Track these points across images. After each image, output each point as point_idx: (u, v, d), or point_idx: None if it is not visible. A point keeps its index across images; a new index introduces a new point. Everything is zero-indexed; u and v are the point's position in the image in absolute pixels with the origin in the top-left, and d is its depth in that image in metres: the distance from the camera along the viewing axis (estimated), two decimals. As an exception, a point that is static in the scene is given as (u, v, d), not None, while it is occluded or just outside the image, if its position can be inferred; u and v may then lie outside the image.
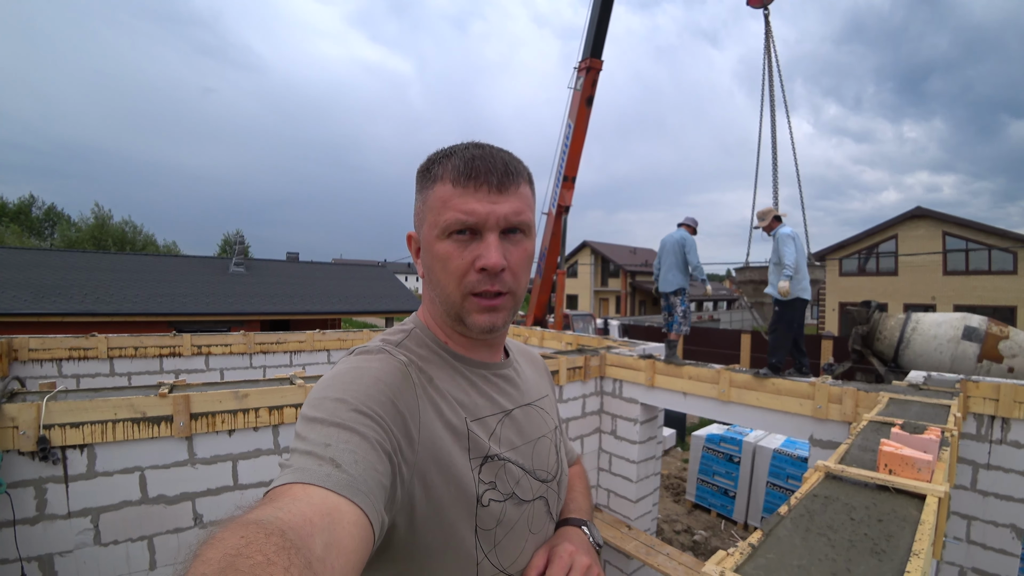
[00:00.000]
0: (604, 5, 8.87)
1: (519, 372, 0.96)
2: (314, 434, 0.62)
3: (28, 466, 2.01)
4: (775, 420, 3.12)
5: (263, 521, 0.45)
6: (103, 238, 30.09)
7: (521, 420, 0.89)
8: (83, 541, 2.09)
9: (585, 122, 9.29)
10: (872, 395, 2.60)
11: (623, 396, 4.11)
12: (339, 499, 0.53)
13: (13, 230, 29.10)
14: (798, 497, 1.12)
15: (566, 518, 0.95)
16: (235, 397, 2.37)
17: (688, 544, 5.55)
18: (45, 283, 10.68)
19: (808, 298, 4.17)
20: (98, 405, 2.10)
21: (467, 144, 0.81)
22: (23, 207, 36.62)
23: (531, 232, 0.82)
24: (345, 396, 0.67)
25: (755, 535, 0.94)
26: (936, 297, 17.86)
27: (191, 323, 10.78)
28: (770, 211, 4.57)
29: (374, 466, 0.60)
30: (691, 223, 5.53)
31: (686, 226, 5.51)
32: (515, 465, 0.84)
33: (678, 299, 5.16)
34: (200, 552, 0.41)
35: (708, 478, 6.33)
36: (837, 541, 0.91)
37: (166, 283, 12.36)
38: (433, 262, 0.79)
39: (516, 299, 0.82)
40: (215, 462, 2.36)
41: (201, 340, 4.91)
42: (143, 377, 4.59)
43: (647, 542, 3.48)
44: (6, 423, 1.96)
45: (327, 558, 0.47)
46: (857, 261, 20.49)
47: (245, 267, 15.24)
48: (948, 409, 2.05)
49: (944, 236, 18.04)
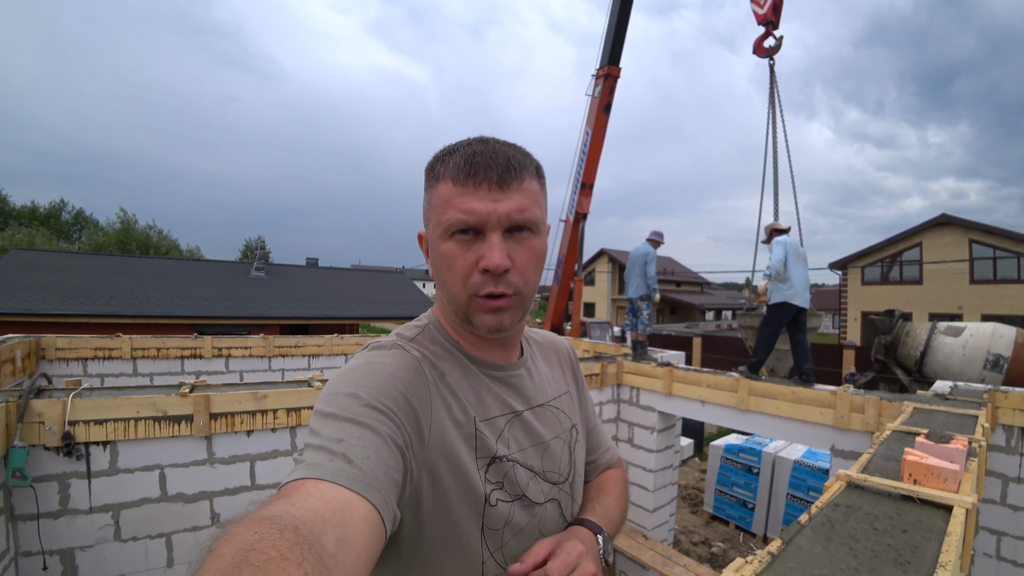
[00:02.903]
0: (622, 13, 8.89)
1: (533, 372, 0.94)
2: (327, 429, 0.62)
3: (53, 461, 2.05)
4: (795, 429, 3.06)
5: (276, 517, 0.45)
6: (128, 242, 30.78)
7: (532, 422, 0.88)
8: (103, 536, 2.12)
9: (603, 129, 9.29)
10: (895, 405, 2.54)
11: (640, 404, 4.07)
12: (351, 495, 0.54)
13: (43, 234, 29.92)
14: (819, 506, 1.10)
15: (584, 519, 0.91)
16: (254, 398, 2.40)
17: (705, 556, 5.45)
18: (72, 285, 10.95)
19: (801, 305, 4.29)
20: (121, 403, 2.15)
21: (471, 140, 0.79)
22: (53, 211, 37.69)
23: (539, 229, 0.79)
24: (358, 391, 0.67)
25: (774, 543, 0.92)
26: (963, 306, 17.38)
27: (212, 326, 10.94)
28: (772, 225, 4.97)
29: (386, 461, 0.61)
30: (656, 238, 5.92)
31: (652, 241, 5.86)
32: (523, 467, 0.83)
33: (643, 304, 5.56)
34: (214, 547, 0.41)
35: (726, 489, 6.22)
36: (859, 551, 0.89)
37: (188, 287, 12.58)
38: (440, 262, 0.78)
39: (524, 299, 0.79)
40: (233, 462, 2.39)
41: (221, 343, 4.99)
42: (165, 378, 4.68)
43: (663, 552, 3.43)
44: (33, 418, 2.01)
45: (339, 553, 0.47)
46: (880, 269, 20.05)
47: (265, 272, 15.46)
48: (975, 419, 1.99)
49: (970, 244, 17.58)
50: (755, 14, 7.75)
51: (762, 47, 7.79)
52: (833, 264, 20.94)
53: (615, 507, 0.98)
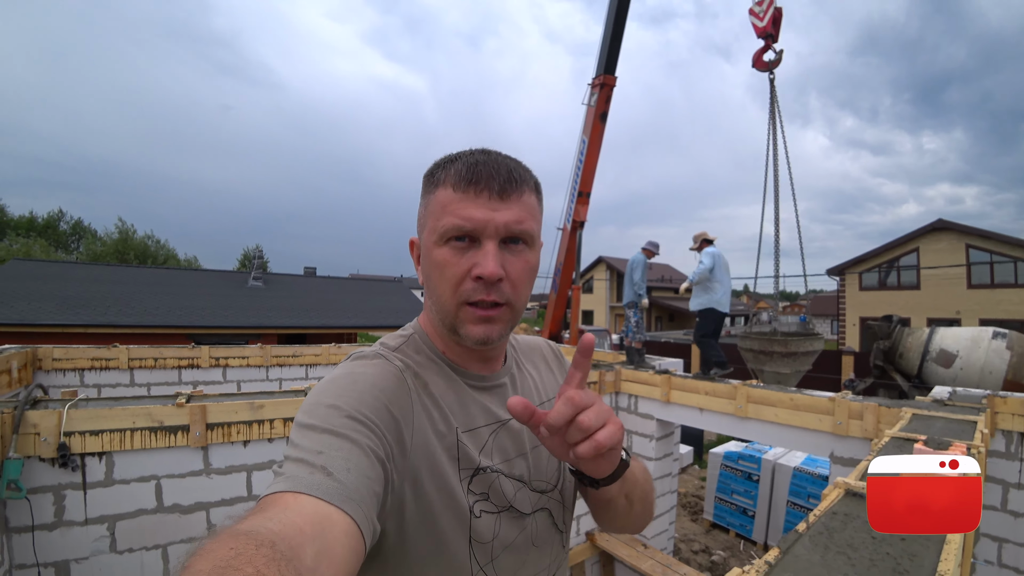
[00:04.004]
0: (617, 22, 8.95)
1: (517, 379, 0.93)
2: (307, 441, 0.61)
3: (48, 472, 2.04)
4: (794, 437, 3.05)
5: (253, 531, 0.44)
6: (126, 252, 30.79)
7: (518, 429, 0.86)
8: (99, 548, 2.11)
9: (599, 138, 9.33)
10: (894, 411, 2.54)
11: (638, 412, 4.06)
12: (330, 508, 0.53)
13: (41, 244, 29.91)
14: (817, 514, 1.10)
15: None
16: (250, 408, 2.39)
17: (706, 564, 5.42)
18: (69, 295, 10.91)
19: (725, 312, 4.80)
20: (117, 413, 2.14)
21: (473, 150, 0.79)
22: (51, 222, 37.73)
23: (534, 243, 0.79)
24: (338, 402, 0.66)
25: (772, 552, 0.92)
26: (961, 311, 17.42)
27: (209, 335, 10.90)
28: (700, 235, 5.29)
29: (366, 474, 0.60)
30: (650, 247, 6.00)
31: (646, 250, 5.94)
32: (508, 478, 0.82)
33: (631, 311, 5.61)
34: (189, 564, 0.41)
35: (726, 497, 6.20)
36: (857, 560, 0.89)
37: (186, 296, 12.55)
38: (431, 269, 0.77)
39: (515, 311, 0.78)
40: (230, 472, 2.38)
41: (219, 352, 4.98)
42: (162, 388, 4.66)
43: (663, 561, 3.41)
44: (28, 429, 2.00)
45: (318, 568, 0.46)
46: (878, 275, 20.11)
47: (263, 281, 15.43)
48: (975, 425, 1.99)
49: (967, 248, 17.66)
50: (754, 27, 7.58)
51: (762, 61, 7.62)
52: (831, 270, 20.99)
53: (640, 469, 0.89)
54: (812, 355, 6.22)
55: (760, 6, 7.38)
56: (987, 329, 6.11)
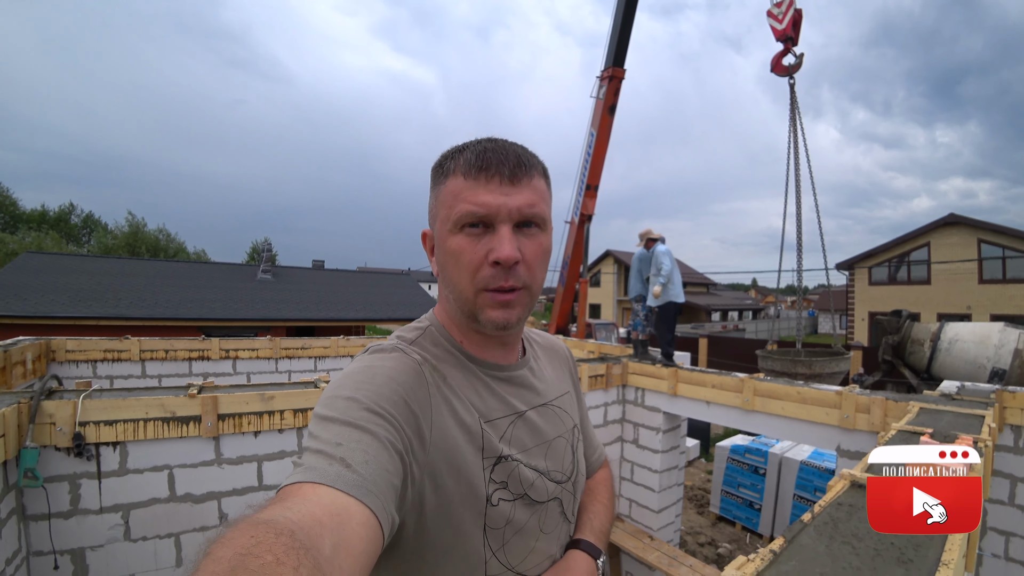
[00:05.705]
0: (627, 14, 8.88)
1: (536, 371, 0.94)
2: (326, 433, 0.62)
3: (64, 462, 2.08)
4: (801, 430, 3.05)
5: (273, 521, 0.46)
6: (137, 245, 31.04)
7: (535, 421, 0.88)
8: (114, 536, 2.15)
9: (608, 131, 9.29)
10: (901, 405, 2.53)
11: (645, 405, 4.07)
12: (348, 499, 0.54)
13: (53, 237, 30.19)
14: (822, 505, 1.10)
15: (580, 539, 0.92)
16: (261, 399, 2.42)
17: (712, 557, 5.43)
18: (82, 288, 11.05)
19: (680, 302, 4.87)
20: (131, 404, 2.17)
21: (480, 139, 0.80)
22: (63, 215, 38.08)
23: (546, 226, 0.80)
24: (357, 395, 0.67)
25: (777, 542, 0.93)
26: (971, 306, 17.24)
27: (219, 328, 11.00)
28: (647, 232, 5.33)
29: (385, 466, 0.61)
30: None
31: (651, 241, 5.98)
32: (528, 467, 0.83)
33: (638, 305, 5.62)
34: (211, 551, 0.42)
35: (733, 490, 6.20)
36: (862, 550, 0.90)
37: (196, 289, 12.67)
38: (446, 258, 0.78)
39: (531, 294, 0.79)
40: (241, 462, 2.41)
41: (229, 344, 5.03)
42: (173, 379, 4.72)
43: (670, 553, 3.43)
44: (44, 419, 2.04)
45: (336, 558, 0.47)
46: (888, 270, 19.92)
47: (272, 274, 15.53)
48: (982, 419, 1.99)
49: (979, 243, 17.45)
50: (773, 30, 7.08)
51: (781, 65, 7.15)
52: (840, 264, 20.81)
53: (606, 516, 1.00)
54: (838, 376, 6.11)
55: (779, 8, 6.92)
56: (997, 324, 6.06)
